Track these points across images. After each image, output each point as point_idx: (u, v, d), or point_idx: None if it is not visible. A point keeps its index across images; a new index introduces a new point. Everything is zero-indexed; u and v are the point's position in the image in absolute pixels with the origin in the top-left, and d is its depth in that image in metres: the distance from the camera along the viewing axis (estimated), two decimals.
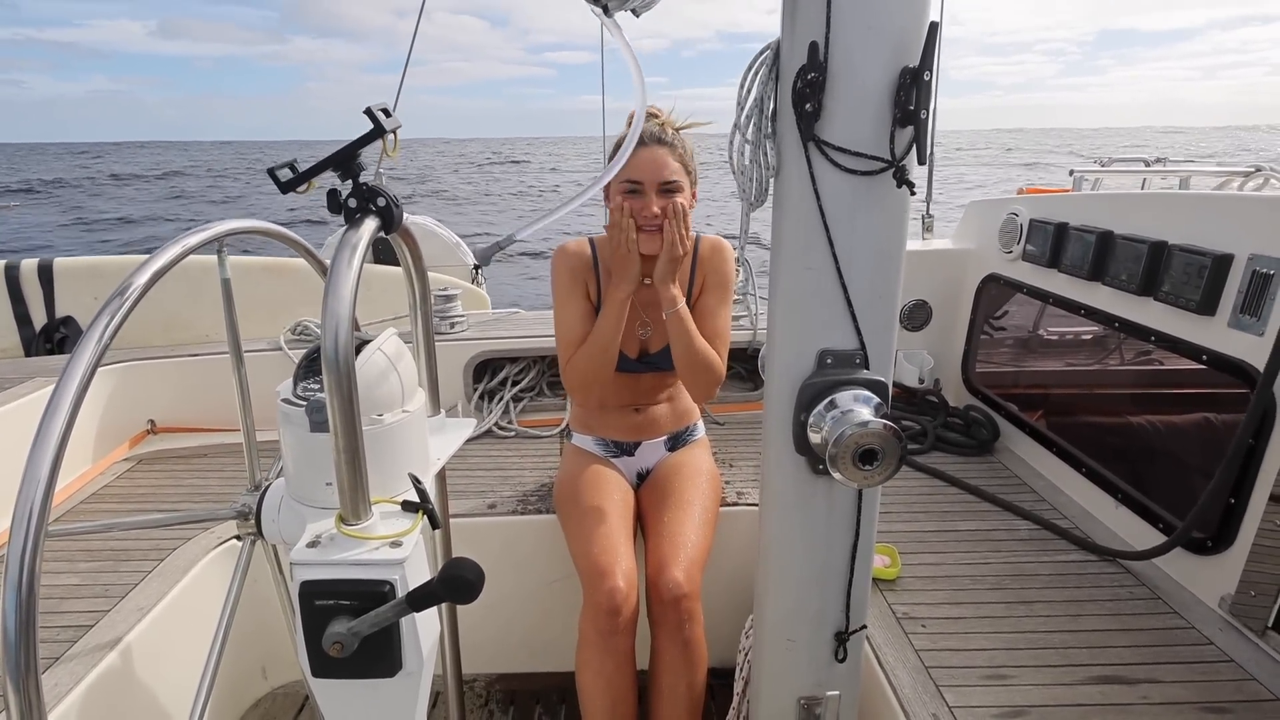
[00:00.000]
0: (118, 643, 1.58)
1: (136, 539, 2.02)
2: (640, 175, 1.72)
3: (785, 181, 0.99)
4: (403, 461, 1.03)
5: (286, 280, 3.05)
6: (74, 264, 3.17)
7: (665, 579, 1.67)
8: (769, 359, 1.10)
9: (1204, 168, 3.30)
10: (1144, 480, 1.95)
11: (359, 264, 0.86)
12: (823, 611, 1.18)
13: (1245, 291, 1.61)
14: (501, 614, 2.18)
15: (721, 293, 1.92)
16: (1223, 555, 1.65)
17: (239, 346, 1.22)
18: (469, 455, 2.51)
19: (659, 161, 1.73)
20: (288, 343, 2.76)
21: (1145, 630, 1.62)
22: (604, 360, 1.82)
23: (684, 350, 1.80)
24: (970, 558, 1.89)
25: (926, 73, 0.87)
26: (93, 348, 0.78)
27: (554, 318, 1.91)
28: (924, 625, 1.64)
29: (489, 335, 2.86)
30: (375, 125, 0.94)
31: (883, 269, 0.99)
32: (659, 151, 1.74)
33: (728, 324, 1.93)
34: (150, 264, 0.88)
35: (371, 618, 0.79)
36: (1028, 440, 2.40)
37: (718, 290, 1.92)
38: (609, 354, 1.82)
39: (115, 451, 2.53)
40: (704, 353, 1.81)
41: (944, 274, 2.75)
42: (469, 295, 3.66)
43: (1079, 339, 2.35)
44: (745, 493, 2.18)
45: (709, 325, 1.88)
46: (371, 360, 1.00)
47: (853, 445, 0.96)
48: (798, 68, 0.91)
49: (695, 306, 1.90)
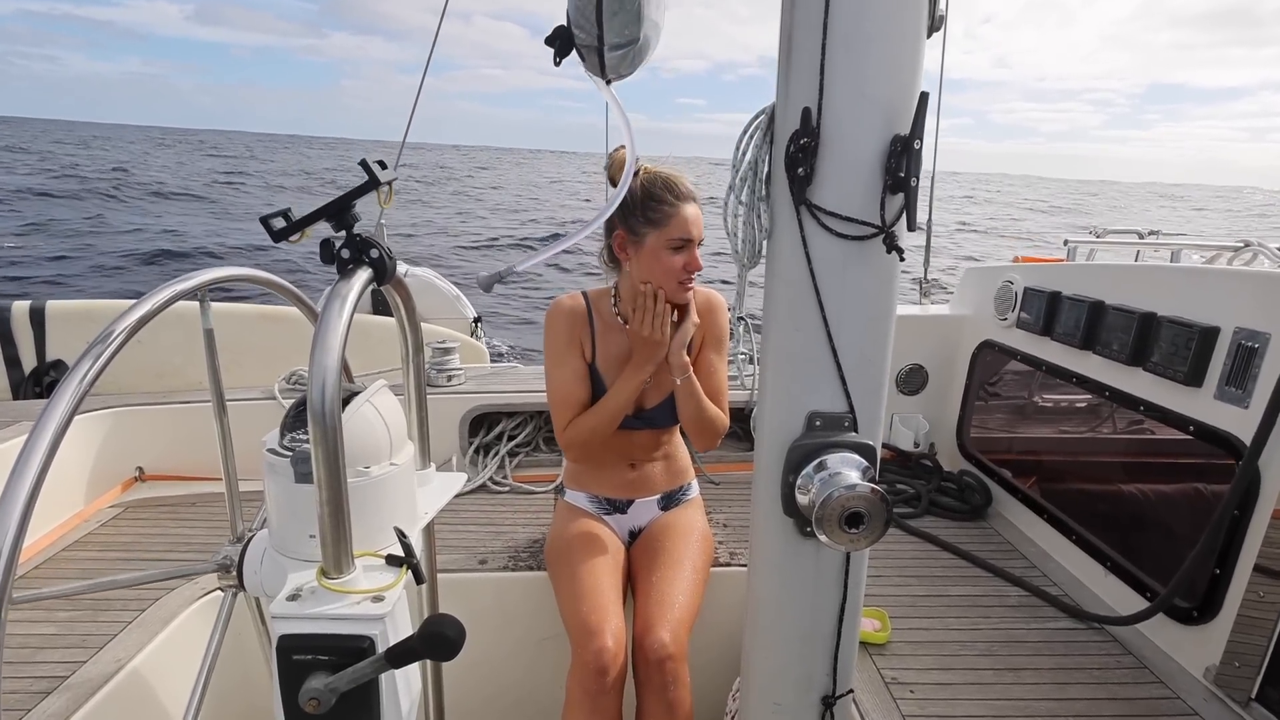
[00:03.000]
0: (93, 695, 1.54)
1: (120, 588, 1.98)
2: (689, 233, 1.77)
3: (777, 243, 1.01)
4: (388, 515, 1.02)
5: (282, 328, 3.06)
6: (66, 307, 3.18)
7: (651, 640, 1.65)
8: (759, 419, 1.10)
9: (1195, 241, 3.36)
10: (1133, 548, 1.94)
11: (349, 315, 0.87)
12: (810, 675, 1.16)
13: (1231, 364, 1.62)
14: (488, 671, 2.13)
15: (719, 347, 1.96)
16: (1208, 625, 1.64)
17: (221, 396, 1.22)
18: (462, 509, 2.48)
19: (698, 219, 1.79)
20: (281, 392, 2.76)
21: (1131, 700, 1.60)
22: (609, 429, 1.87)
23: (694, 414, 1.86)
24: (960, 623, 1.87)
25: (917, 141, 0.90)
26: (71, 393, 0.78)
27: (546, 375, 1.91)
28: (912, 690, 1.61)
29: (486, 389, 2.86)
30: (370, 177, 0.95)
31: (872, 333, 1.00)
32: (695, 209, 1.79)
33: (726, 377, 1.98)
34: (136, 309, 0.89)
35: (350, 674, 0.78)
36: (1020, 506, 2.39)
37: (715, 345, 1.95)
38: (614, 425, 1.87)
39: (102, 498, 2.50)
40: (710, 414, 1.88)
41: (940, 339, 2.77)
42: (467, 348, 3.67)
43: (1072, 406, 2.36)
44: (738, 553, 2.16)
45: (712, 382, 1.92)
46: (359, 412, 1.00)
47: (839, 508, 0.95)
48: (791, 132, 0.93)
49: (696, 362, 1.92)
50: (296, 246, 0.99)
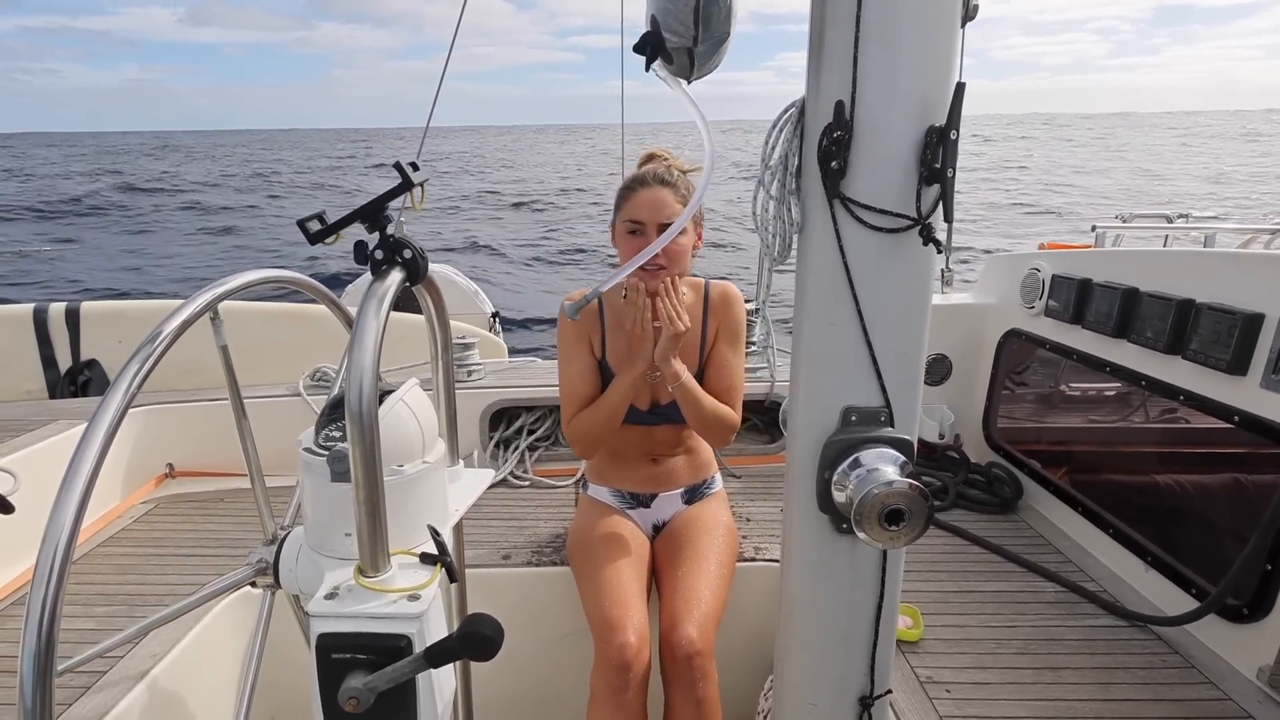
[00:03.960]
0: (131, 690, 1.57)
1: (153, 584, 2.01)
2: (642, 215, 1.75)
3: (810, 238, 1.00)
4: (422, 513, 1.02)
5: (306, 326, 3.08)
6: (100, 308, 3.23)
7: (678, 636, 1.64)
8: (791, 415, 1.09)
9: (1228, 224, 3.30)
10: (1174, 542, 1.90)
11: (385, 316, 0.87)
12: (846, 675, 1.15)
13: (1278, 352, 1.58)
14: (514, 668, 2.14)
15: (734, 342, 1.93)
16: (1260, 624, 1.60)
17: (242, 404, 1.23)
18: (483, 504, 2.48)
19: (660, 201, 1.75)
20: (306, 389, 2.78)
21: (1179, 701, 1.56)
22: (608, 426, 1.84)
23: (695, 416, 1.83)
24: (995, 620, 1.84)
25: (953, 132, 0.88)
26: (121, 394, 0.78)
27: (558, 373, 1.91)
28: (949, 690, 1.59)
29: (505, 384, 2.87)
30: (404, 179, 0.95)
31: (907, 326, 0.99)
32: (662, 193, 1.75)
33: (741, 373, 1.94)
34: (181, 311, 0.89)
35: (389, 673, 0.78)
36: (1052, 499, 2.35)
37: (730, 340, 1.92)
38: (614, 422, 1.84)
39: (134, 494, 2.54)
40: (714, 412, 1.83)
41: (964, 328, 2.74)
42: (486, 344, 3.68)
43: (1102, 395, 2.33)
44: (764, 548, 2.15)
45: (724, 378, 1.89)
46: (394, 411, 1.00)
47: (878, 505, 0.94)
48: (823, 125, 0.92)
49: (710, 358, 1.90)
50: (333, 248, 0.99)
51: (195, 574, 2.05)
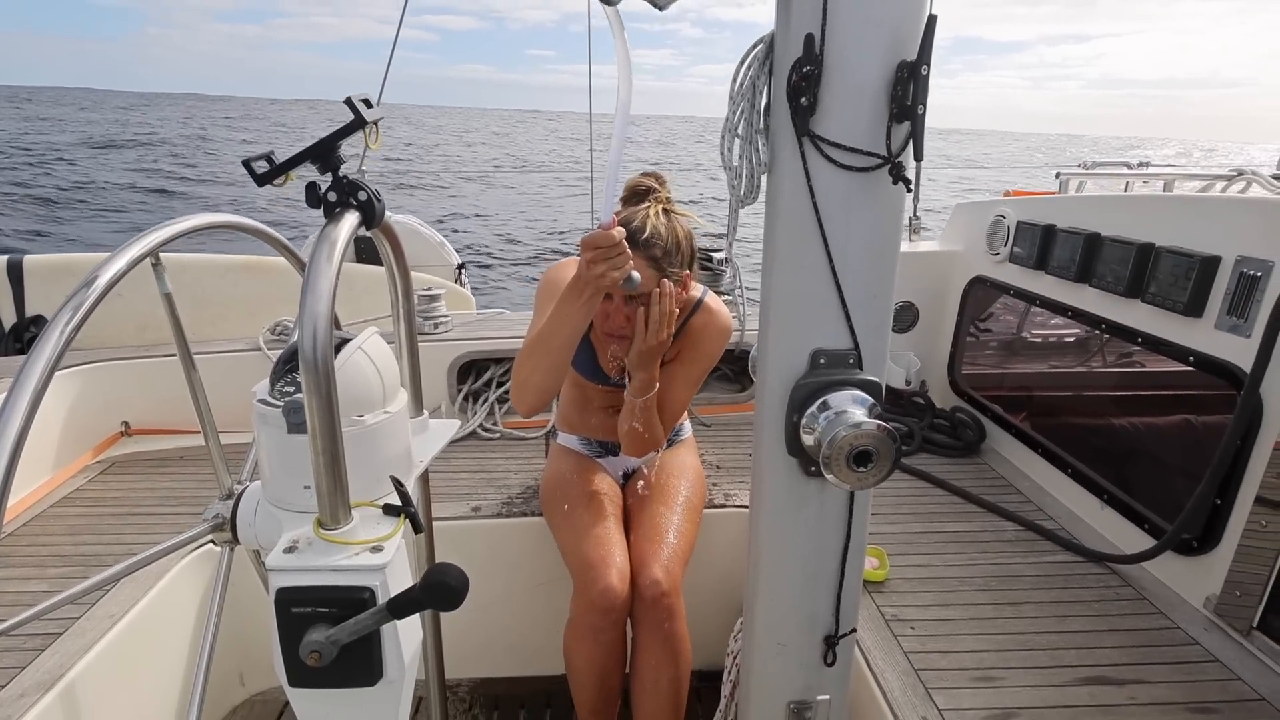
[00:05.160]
0: (87, 651, 1.53)
1: (110, 543, 1.97)
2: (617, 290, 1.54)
3: (778, 178, 0.97)
4: (384, 464, 0.99)
5: (264, 279, 3.00)
6: (45, 261, 3.10)
7: (646, 576, 1.66)
8: (761, 359, 1.08)
9: (1187, 170, 3.34)
10: (1129, 481, 1.95)
11: (338, 260, 0.83)
12: (814, 615, 1.16)
13: (1233, 293, 1.61)
14: (485, 618, 2.15)
15: (694, 371, 1.84)
16: (1208, 556, 1.65)
17: (189, 354, 1.16)
18: (453, 457, 2.47)
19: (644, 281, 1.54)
20: (267, 343, 2.71)
21: (1132, 631, 1.62)
22: (548, 366, 1.61)
23: (628, 429, 1.79)
24: (958, 559, 1.89)
25: (925, 66, 0.86)
26: (53, 344, 0.74)
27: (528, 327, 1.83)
28: (912, 628, 1.63)
29: (473, 336, 2.83)
30: (356, 116, 0.91)
31: (877, 268, 0.98)
32: (646, 274, 1.58)
33: (687, 402, 1.89)
34: (119, 257, 0.84)
35: (351, 626, 0.76)
36: (1014, 442, 2.40)
37: (692, 367, 1.84)
38: (554, 360, 1.60)
39: (87, 454, 2.47)
40: (643, 435, 1.78)
41: (931, 276, 2.74)
42: (453, 295, 3.61)
43: (1064, 341, 2.36)
44: (733, 494, 2.17)
45: (668, 394, 1.81)
46: (351, 360, 0.97)
47: (846, 447, 0.94)
48: (793, 60, 0.89)
49: (662, 370, 1.78)
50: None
51: (153, 533, 2.01)
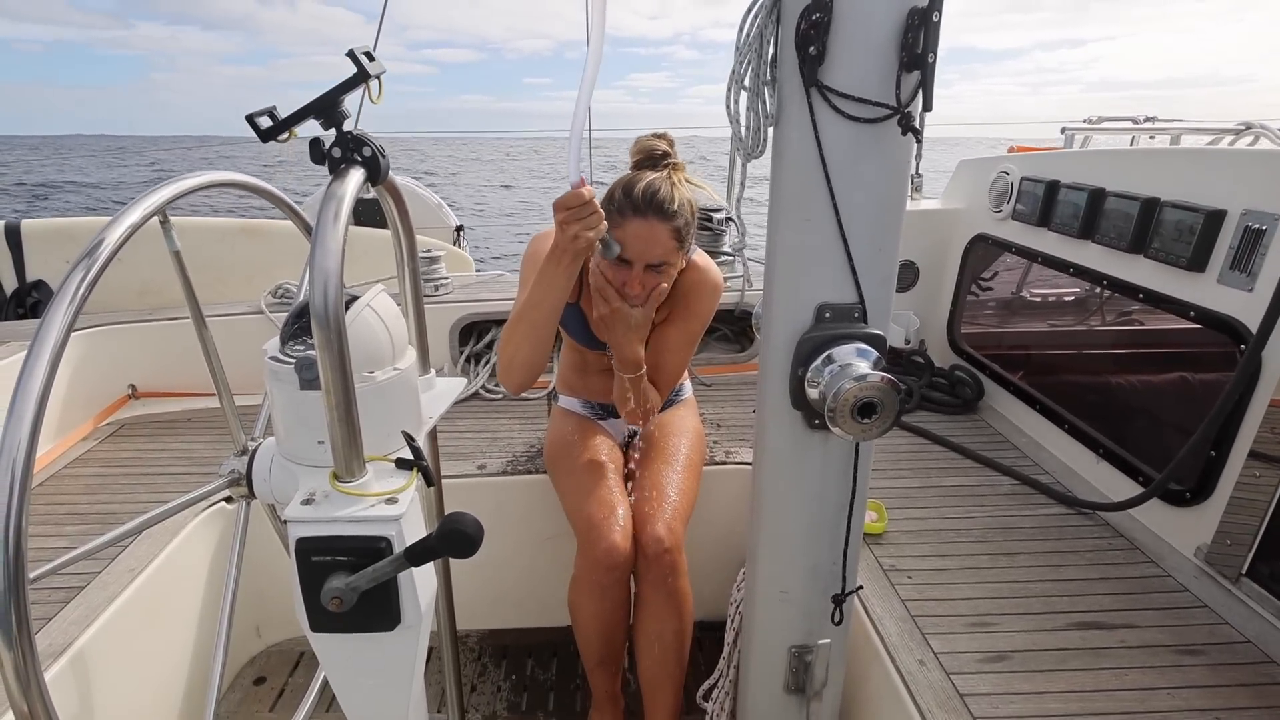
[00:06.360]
0: (110, 604, 1.57)
1: (124, 501, 1.99)
2: (628, 253, 1.54)
3: (785, 130, 0.97)
4: (395, 419, 1.00)
5: (265, 242, 2.99)
6: (43, 225, 3.09)
7: (648, 534, 1.68)
8: (766, 313, 1.08)
9: (1194, 125, 3.30)
10: (1124, 435, 1.97)
11: (346, 216, 0.83)
12: (816, 564, 1.19)
13: (1237, 247, 1.61)
14: (493, 571, 2.18)
15: (688, 330, 1.79)
16: (1201, 507, 1.68)
17: (200, 314, 1.17)
18: (457, 418, 2.49)
19: (653, 239, 1.54)
20: (269, 306, 2.71)
21: (1123, 579, 1.66)
22: (535, 339, 1.58)
23: (620, 397, 1.77)
24: (954, 513, 1.92)
25: (935, 13, 0.85)
26: (66, 307, 0.74)
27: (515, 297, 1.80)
28: (910, 577, 1.66)
29: (474, 298, 2.83)
30: (359, 69, 0.90)
31: (884, 221, 0.98)
32: (656, 228, 1.53)
33: (685, 362, 1.85)
34: (124, 218, 0.84)
35: (370, 573, 0.78)
36: (1011, 398, 2.42)
37: (686, 327, 1.79)
38: (539, 333, 1.57)
39: (96, 418, 2.49)
40: (640, 405, 1.77)
41: (932, 234, 2.74)
42: (452, 257, 3.61)
43: (1062, 300, 2.36)
44: (734, 451, 2.19)
45: (664, 357, 1.80)
46: (361, 316, 0.97)
47: (851, 399, 0.95)
48: (801, 8, 0.88)
49: (655, 332, 1.77)
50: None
51: (166, 491, 2.04)
